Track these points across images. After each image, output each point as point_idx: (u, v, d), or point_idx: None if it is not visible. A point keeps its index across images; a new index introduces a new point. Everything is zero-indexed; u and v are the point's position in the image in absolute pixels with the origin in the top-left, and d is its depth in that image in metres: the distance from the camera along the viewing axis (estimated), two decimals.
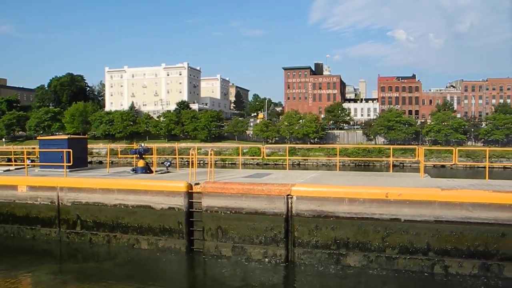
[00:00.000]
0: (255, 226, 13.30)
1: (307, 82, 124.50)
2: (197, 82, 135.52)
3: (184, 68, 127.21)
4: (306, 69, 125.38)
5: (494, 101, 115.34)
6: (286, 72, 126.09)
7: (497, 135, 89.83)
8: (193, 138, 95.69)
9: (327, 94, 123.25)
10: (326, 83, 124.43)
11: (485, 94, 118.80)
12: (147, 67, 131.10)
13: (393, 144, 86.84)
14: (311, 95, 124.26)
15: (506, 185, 14.29)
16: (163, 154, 59.28)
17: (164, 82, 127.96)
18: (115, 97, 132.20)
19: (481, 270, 11.85)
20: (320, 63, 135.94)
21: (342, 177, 16.90)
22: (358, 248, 12.61)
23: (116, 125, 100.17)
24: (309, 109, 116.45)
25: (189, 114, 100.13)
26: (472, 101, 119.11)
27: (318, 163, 64.28)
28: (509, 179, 16.70)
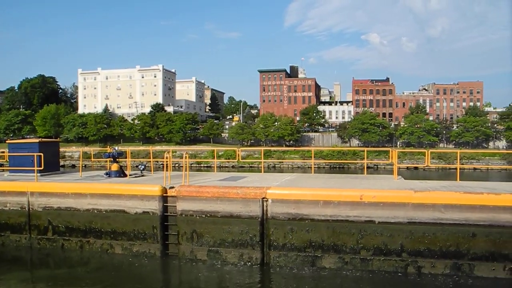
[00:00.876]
0: (231, 229, 13.25)
1: (282, 84, 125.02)
2: (172, 85, 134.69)
3: (159, 70, 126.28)
4: (282, 72, 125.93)
5: (464, 104, 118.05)
6: (262, 74, 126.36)
7: (467, 137, 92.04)
8: (168, 141, 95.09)
9: (302, 96, 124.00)
10: (301, 86, 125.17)
11: (456, 97, 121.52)
12: (122, 69, 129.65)
13: (368, 146, 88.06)
14: (286, 97, 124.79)
15: (477, 186, 14.61)
16: (138, 157, 58.78)
17: (138, 84, 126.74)
18: (89, 99, 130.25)
19: (453, 269, 12.08)
20: (296, 66, 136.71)
21: (317, 180, 17.01)
22: (333, 250, 12.69)
23: (89, 128, 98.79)
24: (284, 111, 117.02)
25: (164, 116, 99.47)
26: (443, 104, 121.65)
27: (294, 165, 64.68)
28: (479, 180, 17.15)
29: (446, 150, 79.71)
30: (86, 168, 31.44)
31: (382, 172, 48.74)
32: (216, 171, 21.91)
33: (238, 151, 24.79)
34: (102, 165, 37.19)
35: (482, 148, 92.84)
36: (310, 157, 60.51)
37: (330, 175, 21.04)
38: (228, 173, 22.17)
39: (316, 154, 64.61)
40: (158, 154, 55.14)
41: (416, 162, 63.16)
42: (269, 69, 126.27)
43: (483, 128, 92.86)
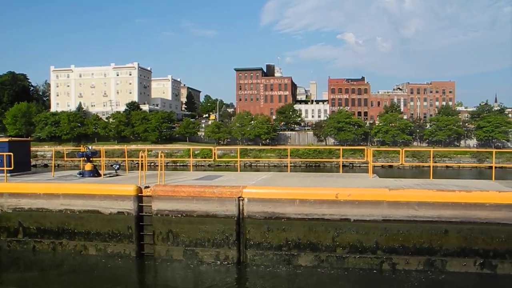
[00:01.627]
0: (207, 229, 13.19)
1: (258, 83, 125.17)
2: (147, 83, 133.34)
3: (134, 68, 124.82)
4: (258, 71, 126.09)
5: (437, 104, 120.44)
6: (238, 73, 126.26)
7: (440, 136, 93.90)
8: (144, 140, 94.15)
9: (278, 95, 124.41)
10: (277, 85, 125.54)
11: (429, 97, 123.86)
12: (96, 67, 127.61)
13: (343, 145, 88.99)
14: (262, 96, 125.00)
15: (449, 184, 14.92)
16: (113, 156, 58.02)
17: (113, 82, 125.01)
18: (62, 97, 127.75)
19: (426, 266, 12.32)
20: (272, 65, 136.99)
21: (293, 178, 17.08)
22: (309, 249, 12.77)
23: (62, 126, 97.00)
24: (260, 110, 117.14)
25: (140, 115, 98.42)
26: (417, 103, 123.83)
27: (270, 164, 64.79)
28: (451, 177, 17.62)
29: (420, 149, 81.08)
30: (59, 167, 30.85)
31: (358, 171, 49.32)
32: (192, 170, 21.78)
33: (214, 150, 24.74)
34: (76, 164, 36.55)
35: (454, 147, 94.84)
36: (286, 155, 60.75)
37: (306, 173, 21.15)
38: (204, 172, 22.05)
39: (292, 153, 64.92)
40: (133, 153, 54.53)
41: (391, 160, 64.07)
42: (245, 68, 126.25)
43: (455, 127, 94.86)
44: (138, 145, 78.24)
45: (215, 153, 28.49)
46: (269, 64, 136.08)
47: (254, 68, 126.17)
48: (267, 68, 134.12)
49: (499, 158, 63.72)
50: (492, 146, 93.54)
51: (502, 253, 12.12)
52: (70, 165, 40.20)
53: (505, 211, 12.12)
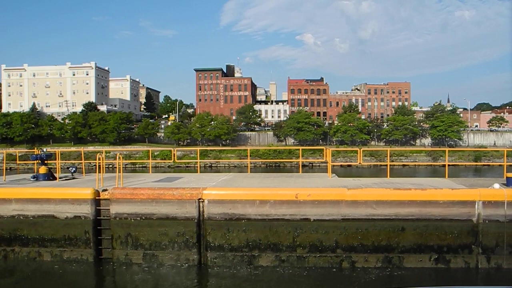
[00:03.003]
0: (167, 231, 13.03)
1: (218, 83, 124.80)
2: (105, 83, 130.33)
3: (92, 67, 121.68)
4: (218, 71, 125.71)
5: (394, 104, 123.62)
6: (198, 73, 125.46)
7: (396, 135, 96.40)
8: (102, 141, 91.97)
9: (238, 96, 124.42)
10: (237, 85, 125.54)
11: (386, 97, 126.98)
12: (50, 66, 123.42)
13: (303, 144, 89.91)
14: (222, 96, 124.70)
15: (405, 182, 15.35)
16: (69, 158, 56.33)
17: (69, 82, 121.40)
18: (14, 97, 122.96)
19: (384, 262, 12.63)
20: (232, 65, 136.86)
21: (253, 179, 17.12)
22: (270, 249, 12.82)
23: (14, 128, 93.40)
24: (220, 110, 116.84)
25: (97, 116, 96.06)
26: (375, 103, 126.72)
27: (230, 165, 64.71)
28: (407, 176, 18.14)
29: (378, 148, 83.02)
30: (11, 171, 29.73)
31: (317, 170, 49.91)
32: (151, 172, 21.49)
33: (174, 151, 24.46)
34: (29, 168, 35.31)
35: (410, 146, 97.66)
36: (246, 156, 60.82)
37: (266, 174, 21.24)
38: (164, 173, 21.79)
39: (252, 153, 65.11)
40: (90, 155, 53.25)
41: (350, 159, 65.26)
42: (205, 68, 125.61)
43: (411, 127, 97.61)
44: (96, 147, 76.49)
45: (175, 154, 28.16)
46: (229, 64, 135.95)
47: (214, 69, 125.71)
48: (227, 68, 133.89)
49: (452, 156, 65.99)
50: (445, 145, 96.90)
51: (455, 248, 12.59)
52: (23, 168, 38.73)
53: (457, 207, 12.58)
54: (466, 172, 53.39)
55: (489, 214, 12.55)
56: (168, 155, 62.89)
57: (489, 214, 12.55)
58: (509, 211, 12.51)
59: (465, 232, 12.60)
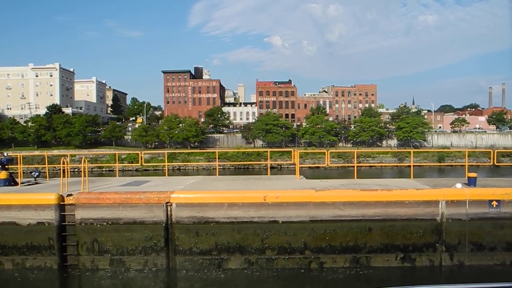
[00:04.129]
0: (134, 236, 12.82)
1: (186, 86, 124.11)
2: (70, 85, 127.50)
3: (56, 69, 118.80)
4: (186, 73, 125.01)
5: (361, 106, 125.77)
6: (166, 75, 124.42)
7: (363, 137, 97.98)
8: (67, 145, 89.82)
9: (206, 98, 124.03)
10: (205, 87, 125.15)
11: (353, 99, 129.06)
12: (12, 67, 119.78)
13: (271, 146, 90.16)
14: (191, 99, 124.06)
15: (372, 183, 15.59)
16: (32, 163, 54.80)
17: (32, 84, 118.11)
18: None
19: (352, 263, 12.80)
20: (200, 67, 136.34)
21: (222, 182, 17.06)
22: (239, 252, 12.80)
23: None
24: (189, 113, 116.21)
25: (62, 118, 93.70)
26: (342, 105, 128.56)
27: (199, 167, 64.29)
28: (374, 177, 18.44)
29: (345, 150, 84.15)
30: None
31: (286, 172, 50.19)
32: (118, 176, 21.12)
33: (141, 154, 24.14)
34: None
35: (376, 147, 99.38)
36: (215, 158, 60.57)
37: (235, 176, 21.23)
38: (131, 177, 21.47)
39: (221, 156, 64.76)
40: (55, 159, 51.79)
41: (318, 161, 65.85)
42: (173, 70, 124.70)
43: (377, 128, 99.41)
44: (61, 150, 74.56)
45: (142, 157, 27.79)
46: (197, 66, 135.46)
47: (182, 71, 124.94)
48: (195, 70, 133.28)
49: (417, 157, 67.51)
50: (411, 146, 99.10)
51: (420, 247, 12.89)
52: None
53: (422, 207, 12.89)
54: (430, 172, 54.76)
55: (452, 213, 12.91)
56: (135, 159, 61.89)
57: (452, 213, 12.91)
58: (470, 210, 12.91)
59: (430, 231, 12.92)
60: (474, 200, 12.96)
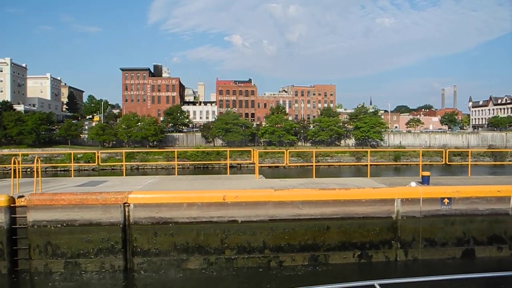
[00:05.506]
0: (90, 238, 12.48)
1: (145, 84, 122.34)
2: (22, 81, 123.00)
3: (6, 64, 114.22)
4: (145, 71, 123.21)
5: (320, 105, 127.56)
6: (124, 73, 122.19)
7: (322, 136, 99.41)
8: (19, 144, 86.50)
9: (166, 96, 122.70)
10: (165, 86, 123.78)
11: (313, 99, 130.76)
12: None
13: (231, 146, 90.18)
14: (150, 97, 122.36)
15: (330, 182, 15.87)
16: None
17: None
18: None
19: (311, 261, 12.96)
20: (159, 65, 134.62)
21: (181, 182, 16.92)
22: (198, 252, 12.71)
23: None
24: (148, 111, 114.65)
25: (13, 116, 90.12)
26: (301, 105, 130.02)
27: (158, 167, 63.50)
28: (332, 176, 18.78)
29: (304, 149, 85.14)
30: None
31: (245, 171, 50.24)
32: (74, 176, 20.53)
33: (97, 154, 23.57)
34: None
35: (335, 146, 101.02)
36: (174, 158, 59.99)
37: (194, 176, 21.08)
38: (87, 177, 20.93)
39: (180, 155, 64.18)
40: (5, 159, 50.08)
41: (277, 160, 66.30)
42: (132, 68, 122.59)
43: (336, 128, 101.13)
44: (12, 150, 72.01)
45: (99, 156, 27.13)
46: (156, 64, 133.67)
47: (141, 68, 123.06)
48: (155, 68, 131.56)
49: (373, 156, 69.11)
50: (368, 145, 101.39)
51: (377, 244, 13.21)
52: None
53: (378, 205, 13.20)
54: (387, 171, 56.16)
55: (407, 211, 13.31)
56: (92, 158, 60.44)
57: (407, 211, 13.31)
58: (424, 208, 13.35)
59: (386, 228, 13.26)
60: (427, 198, 13.41)
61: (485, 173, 42.82)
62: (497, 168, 54.36)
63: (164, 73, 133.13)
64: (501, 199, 13.87)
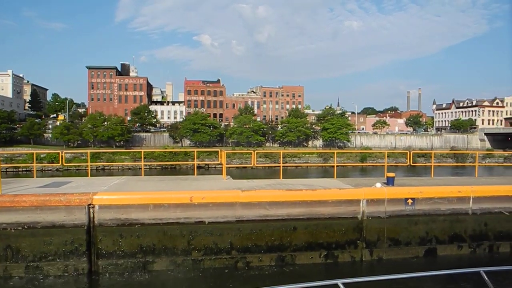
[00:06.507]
0: (53, 241, 12.16)
1: (112, 82, 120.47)
2: None
3: None
4: (112, 69, 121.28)
5: (288, 106, 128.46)
6: (90, 71, 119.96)
7: (290, 137, 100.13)
8: None
9: (133, 95, 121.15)
10: (132, 85, 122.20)
11: (281, 100, 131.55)
12: None
13: (199, 146, 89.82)
14: (116, 96, 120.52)
15: (297, 183, 16.01)
16: None
17: None
18: None
19: (278, 261, 13.04)
20: (127, 64, 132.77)
21: (147, 183, 16.72)
22: (165, 254, 12.58)
23: None
24: (114, 111, 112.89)
25: None
26: (270, 106, 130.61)
27: (124, 167, 62.52)
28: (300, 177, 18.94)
29: (272, 150, 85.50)
30: None
31: (213, 172, 50.06)
32: (36, 177, 20.00)
33: (61, 154, 23.06)
34: None
35: (302, 147, 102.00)
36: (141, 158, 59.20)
37: (161, 177, 20.88)
38: (51, 178, 20.40)
39: (147, 155, 63.42)
40: None
41: (245, 161, 66.35)
42: (98, 66, 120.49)
43: (304, 129, 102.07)
44: None
45: (63, 156, 26.52)
46: (123, 63, 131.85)
47: (108, 67, 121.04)
48: (122, 67, 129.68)
49: (340, 157, 69.99)
50: (335, 146, 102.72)
51: (343, 244, 13.41)
52: None
53: (344, 206, 13.40)
54: (353, 172, 57.08)
55: (372, 211, 13.56)
56: (56, 158, 58.91)
57: (372, 211, 13.56)
58: (388, 208, 13.64)
59: (351, 229, 13.46)
60: (392, 199, 13.70)
61: (447, 174, 44.15)
62: (459, 169, 56.07)
63: (132, 72, 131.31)
64: (461, 199, 14.32)
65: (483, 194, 14.58)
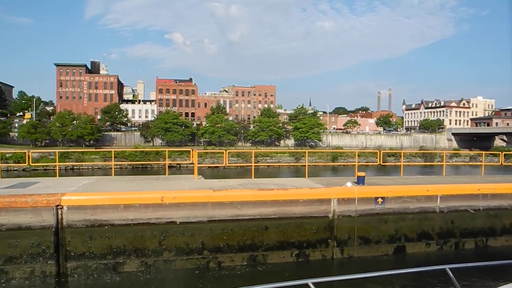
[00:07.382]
0: (19, 243, 11.83)
1: (82, 80, 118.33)
2: None
3: None
4: (82, 67, 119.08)
5: (260, 106, 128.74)
6: (59, 68, 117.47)
7: (262, 136, 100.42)
8: None
9: (103, 94, 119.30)
10: (102, 83, 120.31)
11: (253, 99, 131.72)
12: None
13: (171, 145, 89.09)
14: (86, 94, 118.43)
15: (269, 183, 16.06)
16: None
17: None
18: None
19: (249, 261, 13.06)
20: (97, 62, 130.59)
21: (118, 183, 16.48)
22: (135, 255, 12.43)
23: None
24: (84, 109, 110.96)
25: None
26: (242, 105, 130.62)
27: (94, 167, 61.44)
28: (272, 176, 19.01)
29: (244, 150, 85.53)
30: None
31: (185, 172, 49.65)
32: (2, 177, 19.46)
33: (28, 153, 22.50)
34: None
35: (274, 146, 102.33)
36: (111, 158, 58.26)
37: (132, 177, 20.59)
38: (17, 178, 19.86)
39: (118, 155, 62.50)
40: None
41: (217, 161, 66.17)
42: (67, 63, 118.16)
43: (276, 128, 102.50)
44: None
45: (30, 156, 25.87)
46: (93, 60, 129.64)
47: (77, 64, 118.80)
48: (92, 64, 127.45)
49: (312, 157, 70.54)
50: (307, 145, 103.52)
51: (314, 243, 13.54)
52: None
53: (316, 205, 13.53)
54: (325, 171, 57.59)
55: (343, 210, 13.74)
56: (22, 158, 57.35)
57: (343, 210, 13.74)
58: (359, 207, 13.85)
59: (323, 228, 13.60)
60: (362, 198, 13.91)
61: (416, 173, 45.03)
62: (427, 168, 57.28)
63: (102, 70, 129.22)
64: (429, 198, 14.66)
65: (450, 192, 14.98)
